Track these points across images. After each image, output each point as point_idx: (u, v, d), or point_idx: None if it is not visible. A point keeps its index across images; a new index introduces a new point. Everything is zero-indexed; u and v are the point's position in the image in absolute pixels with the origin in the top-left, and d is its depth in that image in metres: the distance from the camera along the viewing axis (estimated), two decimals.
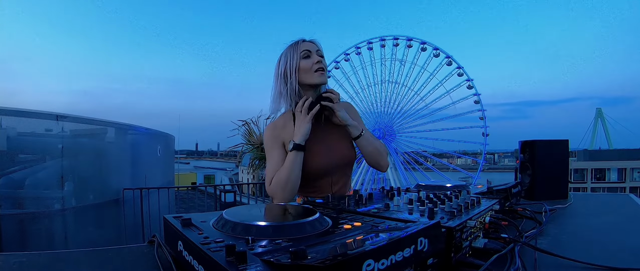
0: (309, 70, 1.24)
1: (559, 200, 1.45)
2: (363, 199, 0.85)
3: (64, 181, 3.59)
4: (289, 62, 1.24)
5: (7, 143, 3.27)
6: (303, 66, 1.23)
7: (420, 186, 1.12)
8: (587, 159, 28.81)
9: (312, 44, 1.27)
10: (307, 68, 1.23)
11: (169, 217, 0.65)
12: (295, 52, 1.24)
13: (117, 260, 0.67)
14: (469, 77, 15.44)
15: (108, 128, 4.54)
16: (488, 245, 0.66)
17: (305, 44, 1.25)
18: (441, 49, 15.65)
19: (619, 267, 0.63)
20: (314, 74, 1.24)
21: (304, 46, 1.25)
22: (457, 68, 15.54)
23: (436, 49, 15.71)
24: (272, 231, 0.54)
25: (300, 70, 1.24)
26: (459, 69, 15.51)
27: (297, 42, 1.27)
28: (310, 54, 1.24)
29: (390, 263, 0.40)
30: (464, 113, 16.22)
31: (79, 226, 3.74)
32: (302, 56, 1.23)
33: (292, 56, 1.24)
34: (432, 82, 16.59)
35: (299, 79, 1.25)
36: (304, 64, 1.23)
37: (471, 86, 15.44)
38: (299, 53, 1.23)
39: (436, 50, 15.72)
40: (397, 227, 0.56)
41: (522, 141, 1.68)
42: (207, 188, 7.25)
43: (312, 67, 1.23)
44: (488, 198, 0.86)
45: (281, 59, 1.27)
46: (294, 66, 1.23)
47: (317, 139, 1.27)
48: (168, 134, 6.76)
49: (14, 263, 0.63)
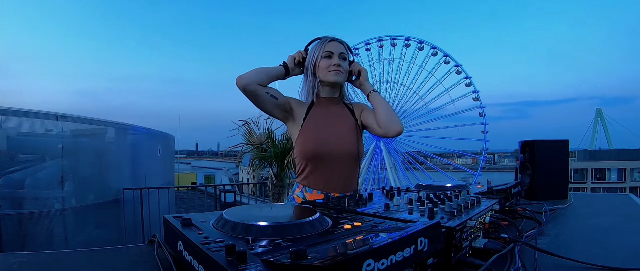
0: (325, 68, 1.31)
1: (559, 200, 1.45)
2: (363, 199, 0.85)
3: (64, 181, 3.59)
4: (311, 57, 1.33)
5: (7, 143, 3.27)
6: (322, 64, 1.31)
7: (420, 186, 1.12)
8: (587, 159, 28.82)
9: (339, 45, 1.32)
10: (324, 67, 1.31)
11: (169, 217, 0.65)
12: (318, 50, 1.31)
13: (117, 260, 0.67)
14: (468, 75, 15.45)
15: (108, 128, 4.54)
16: (488, 245, 0.66)
17: (331, 44, 1.31)
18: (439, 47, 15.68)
19: (619, 267, 0.63)
20: (328, 73, 1.31)
21: (329, 46, 1.31)
22: (455, 66, 15.55)
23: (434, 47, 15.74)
24: (272, 231, 0.54)
25: (319, 68, 1.31)
26: (457, 67, 15.53)
27: (324, 40, 1.32)
28: (332, 55, 1.31)
29: (390, 263, 0.40)
30: (464, 110, 16.24)
31: (79, 226, 3.74)
32: (324, 55, 1.30)
33: (314, 53, 1.32)
34: (431, 81, 16.64)
35: (318, 76, 1.33)
36: (323, 63, 1.31)
37: (469, 84, 15.44)
38: (322, 52, 1.30)
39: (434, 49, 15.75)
40: (397, 227, 0.56)
41: (522, 141, 1.68)
42: (207, 188, 7.25)
43: (329, 67, 1.30)
44: (488, 198, 0.86)
45: (309, 54, 1.34)
46: (314, 63, 1.32)
47: (324, 123, 1.32)
48: (168, 134, 6.76)
49: (14, 263, 0.63)
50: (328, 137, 1.30)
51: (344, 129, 1.34)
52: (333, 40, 1.33)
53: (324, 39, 1.33)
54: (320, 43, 1.33)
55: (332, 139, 1.30)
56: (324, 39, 1.33)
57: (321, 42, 1.33)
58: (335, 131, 1.32)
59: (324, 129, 1.31)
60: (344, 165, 1.31)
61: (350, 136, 1.34)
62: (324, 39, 1.33)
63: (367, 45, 16.75)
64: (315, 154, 1.28)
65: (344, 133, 1.33)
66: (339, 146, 1.30)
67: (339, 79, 1.32)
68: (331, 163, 1.29)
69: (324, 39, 1.33)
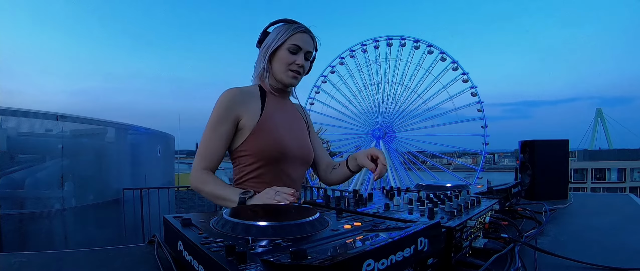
0: (285, 64, 1.09)
1: (559, 200, 1.46)
2: (363, 199, 0.85)
3: (64, 181, 3.60)
4: (272, 40, 1.09)
5: (7, 143, 3.27)
6: (283, 57, 1.09)
7: (420, 186, 1.12)
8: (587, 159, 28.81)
9: (309, 40, 1.12)
10: (285, 62, 1.09)
11: (169, 217, 0.65)
12: (283, 37, 1.08)
13: (117, 260, 0.67)
14: (464, 71, 15.47)
15: (108, 128, 4.54)
16: (488, 245, 0.66)
17: (300, 36, 1.09)
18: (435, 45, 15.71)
19: (619, 267, 0.63)
20: (287, 72, 1.10)
21: (297, 38, 1.09)
22: (452, 63, 15.59)
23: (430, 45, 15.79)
24: (272, 231, 0.54)
25: (277, 58, 1.10)
26: (453, 63, 15.56)
27: (293, 27, 1.09)
28: (298, 52, 1.09)
29: (390, 263, 0.40)
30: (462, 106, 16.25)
31: (79, 226, 3.74)
32: (289, 47, 1.08)
33: (277, 37, 1.09)
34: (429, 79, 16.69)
35: (271, 64, 1.11)
36: (285, 57, 1.08)
37: (467, 80, 15.46)
38: (288, 42, 1.08)
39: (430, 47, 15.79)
40: (397, 227, 0.56)
41: (522, 141, 1.68)
42: None
43: (290, 64, 1.09)
44: (488, 198, 0.86)
45: (272, 36, 1.11)
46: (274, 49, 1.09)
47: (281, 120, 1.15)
48: (168, 134, 6.76)
49: (14, 263, 0.63)
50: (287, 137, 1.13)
51: (301, 131, 1.22)
52: (304, 31, 1.10)
53: (294, 25, 1.10)
54: (287, 28, 1.09)
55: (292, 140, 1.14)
56: (293, 26, 1.09)
57: (289, 28, 1.09)
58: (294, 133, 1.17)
59: (283, 125, 1.14)
60: (300, 169, 1.18)
61: (305, 135, 1.23)
62: (294, 25, 1.10)
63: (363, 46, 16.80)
64: (273, 155, 1.09)
65: (300, 132, 1.21)
66: (299, 149, 1.16)
67: (294, 83, 1.14)
68: (288, 165, 1.13)
69: (294, 25, 1.10)
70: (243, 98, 1.10)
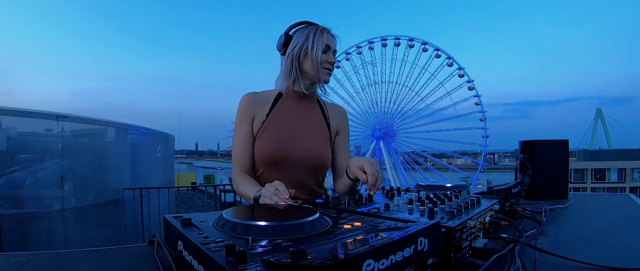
0: (318, 63, 1.13)
1: (559, 200, 1.46)
2: (363, 199, 0.85)
3: (64, 181, 3.60)
4: (301, 43, 1.13)
5: (7, 143, 3.28)
6: (316, 57, 1.13)
7: (420, 186, 1.12)
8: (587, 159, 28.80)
9: (335, 40, 1.18)
10: (318, 61, 1.13)
11: (169, 217, 0.65)
12: (315, 39, 1.12)
13: (117, 260, 0.67)
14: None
15: (108, 128, 4.55)
16: (488, 245, 0.66)
17: (329, 37, 1.16)
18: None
19: (619, 267, 0.63)
20: (322, 70, 1.15)
21: (328, 38, 1.15)
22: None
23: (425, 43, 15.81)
24: (272, 231, 0.54)
25: (313, 59, 1.13)
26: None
27: (322, 30, 1.15)
28: (328, 50, 1.15)
29: (390, 263, 0.40)
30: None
31: (79, 226, 3.75)
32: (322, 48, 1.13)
33: (308, 41, 1.12)
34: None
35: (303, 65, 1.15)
36: (318, 56, 1.13)
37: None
38: (321, 43, 1.13)
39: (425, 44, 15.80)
40: (397, 227, 0.56)
41: (522, 141, 1.68)
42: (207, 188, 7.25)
43: (324, 63, 1.14)
44: (488, 198, 0.86)
45: (299, 39, 1.14)
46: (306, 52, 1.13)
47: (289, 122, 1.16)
48: (168, 134, 6.77)
49: (14, 263, 0.63)
50: (289, 141, 1.14)
51: (311, 132, 1.19)
52: (329, 32, 1.16)
53: (320, 28, 1.15)
54: (316, 31, 1.14)
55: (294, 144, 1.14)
56: (320, 28, 1.15)
57: (317, 30, 1.14)
58: (300, 134, 1.16)
59: (287, 129, 1.15)
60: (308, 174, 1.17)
61: (317, 140, 1.20)
62: (320, 28, 1.15)
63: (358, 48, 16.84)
64: (272, 160, 1.12)
65: (311, 137, 1.18)
66: (302, 153, 1.14)
67: (328, 80, 1.17)
68: (292, 170, 1.13)
69: (320, 28, 1.15)
70: (255, 103, 1.17)
